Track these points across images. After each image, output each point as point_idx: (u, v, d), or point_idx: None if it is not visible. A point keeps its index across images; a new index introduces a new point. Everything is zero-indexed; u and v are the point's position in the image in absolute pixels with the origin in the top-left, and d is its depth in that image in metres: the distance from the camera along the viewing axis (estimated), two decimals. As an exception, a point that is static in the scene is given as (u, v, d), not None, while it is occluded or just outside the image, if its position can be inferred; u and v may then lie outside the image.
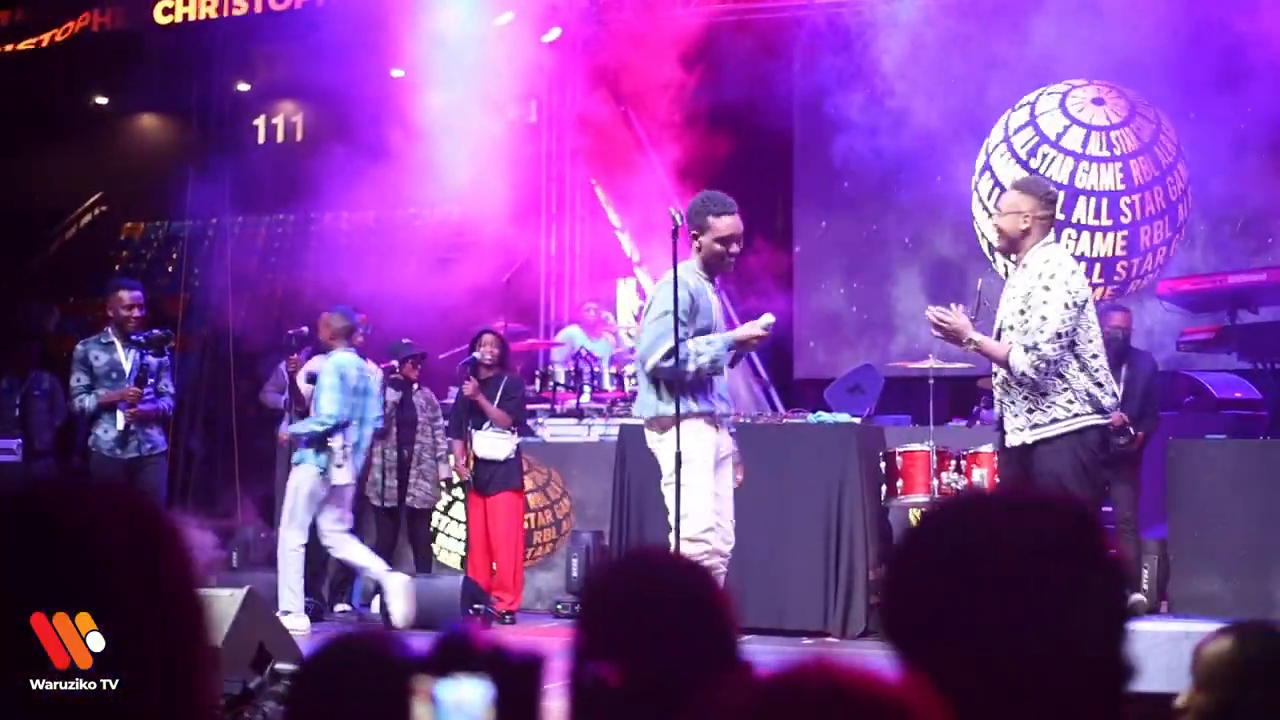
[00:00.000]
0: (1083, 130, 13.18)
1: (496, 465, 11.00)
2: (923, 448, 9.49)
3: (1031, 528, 1.96)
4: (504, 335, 11.86)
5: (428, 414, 11.49)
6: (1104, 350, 7.30)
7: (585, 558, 11.02)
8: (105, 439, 10.29)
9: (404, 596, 9.98)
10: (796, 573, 9.74)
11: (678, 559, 2.50)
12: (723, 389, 7.56)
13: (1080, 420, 7.12)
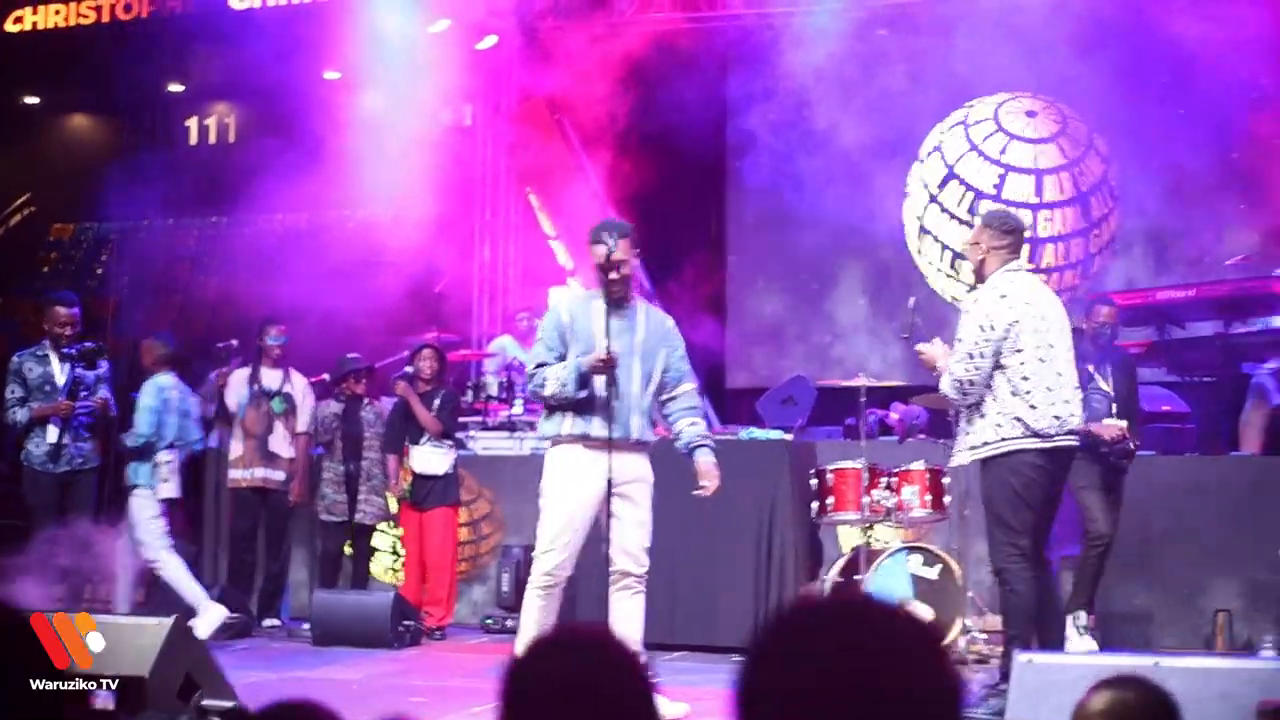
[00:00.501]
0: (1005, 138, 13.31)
1: (435, 480, 10.98)
2: (854, 465, 9.51)
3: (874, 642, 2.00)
4: (441, 348, 11.84)
5: (376, 429, 11.43)
6: (1054, 370, 7.42)
7: (515, 572, 10.98)
8: (37, 453, 10.25)
9: (209, 628, 9.96)
10: (728, 590, 9.75)
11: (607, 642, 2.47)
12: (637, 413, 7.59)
13: (1006, 444, 7.32)
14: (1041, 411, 7.32)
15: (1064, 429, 7.41)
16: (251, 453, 11.40)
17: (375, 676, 8.88)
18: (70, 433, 10.32)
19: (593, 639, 2.47)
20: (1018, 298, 7.46)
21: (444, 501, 11.00)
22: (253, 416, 11.42)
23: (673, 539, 9.74)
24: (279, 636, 10.95)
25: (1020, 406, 7.33)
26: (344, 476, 11.33)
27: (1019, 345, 7.37)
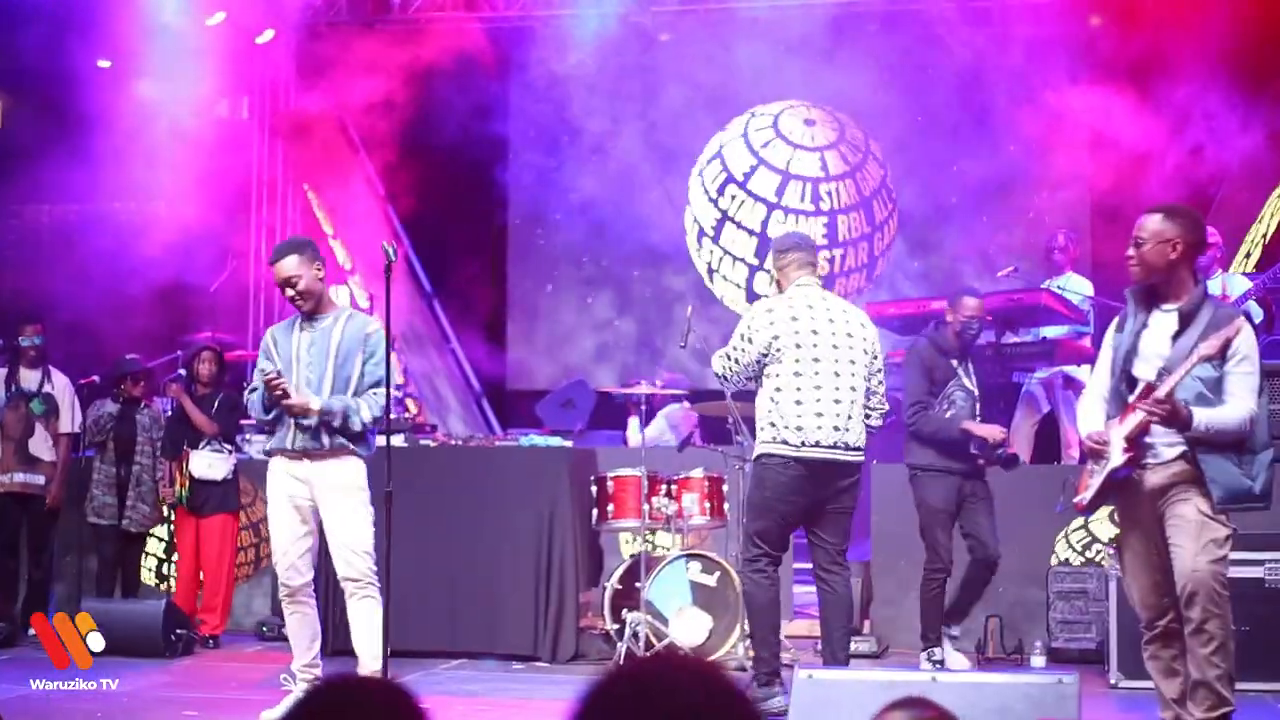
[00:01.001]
0: (790, 149, 13.49)
1: (214, 486, 10.76)
2: (634, 472, 9.53)
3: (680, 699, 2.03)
4: (219, 349, 11.61)
5: (150, 433, 11.15)
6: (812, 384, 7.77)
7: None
8: None
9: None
10: (508, 597, 9.72)
11: (374, 689, 2.41)
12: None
13: (764, 447, 7.89)
14: (788, 422, 7.76)
15: (810, 441, 7.77)
16: (10, 457, 11.05)
17: (147, 688, 8.66)
18: None
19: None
20: (783, 314, 7.88)
21: (223, 508, 10.79)
22: (11, 419, 11.08)
23: (452, 545, 9.72)
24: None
25: (774, 414, 7.82)
26: (114, 479, 11.06)
27: (780, 359, 7.81)
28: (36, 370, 11.25)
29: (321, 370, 7.57)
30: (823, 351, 7.83)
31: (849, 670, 7.37)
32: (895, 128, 14.18)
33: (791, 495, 7.84)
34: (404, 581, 8.91)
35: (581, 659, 9.70)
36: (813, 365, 7.80)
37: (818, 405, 7.79)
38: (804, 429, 7.75)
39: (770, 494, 7.85)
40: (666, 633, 9.20)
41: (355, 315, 7.89)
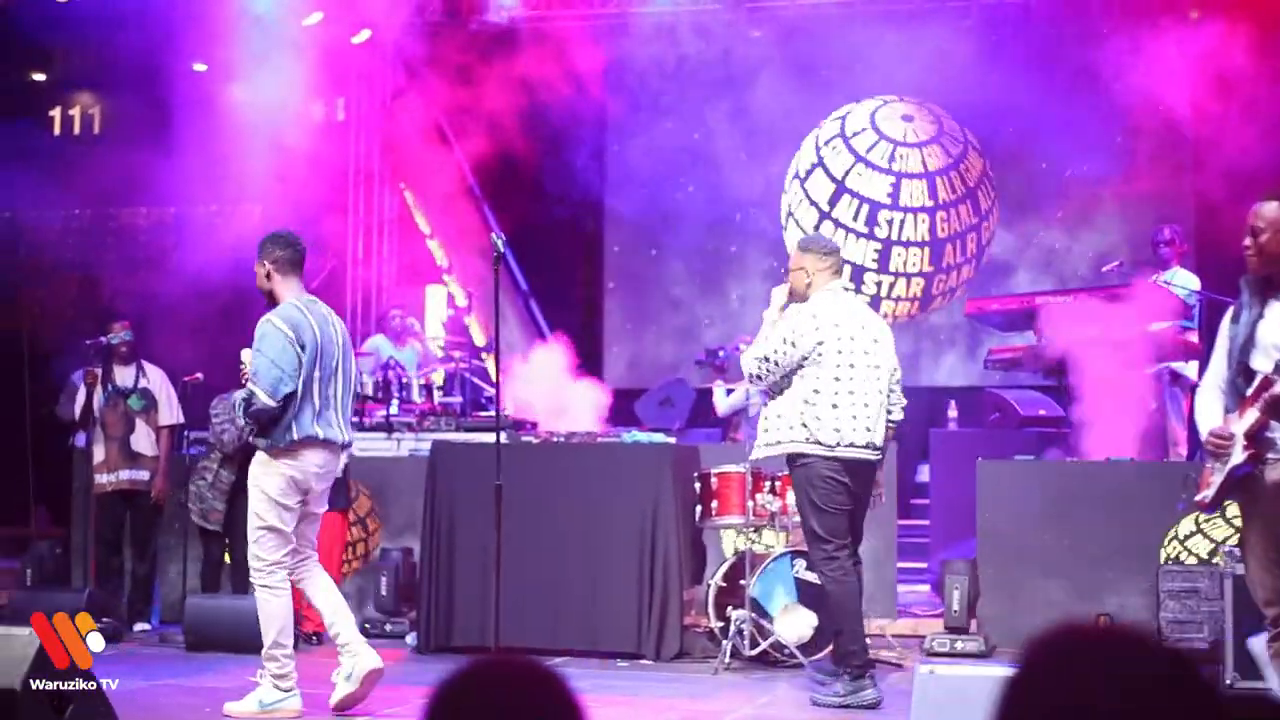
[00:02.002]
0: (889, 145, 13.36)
1: None
2: (738, 469, 9.45)
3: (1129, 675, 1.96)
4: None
5: None
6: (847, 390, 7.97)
7: (395, 575, 10.84)
8: None
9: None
10: (610, 595, 9.65)
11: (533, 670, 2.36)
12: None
13: (794, 446, 8.01)
14: (825, 423, 7.91)
15: (845, 442, 7.94)
16: (115, 455, 11.13)
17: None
18: None
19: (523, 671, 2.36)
20: (826, 319, 8.01)
21: (332, 505, 10.74)
22: (112, 418, 11.15)
23: (555, 542, 9.67)
24: (150, 642, 10.68)
25: (807, 415, 7.94)
26: (230, 486, 10.88)
27: (820, 362, 7.95)
28: (130, 366, 11.32)
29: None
30: (857, 358, 8.03)
31: (971, 666, 7.29)
32: (992, 119, 14.02)
33: (839, 491, 8.00)
34: (507, 579, 8.87)
35: (686, 657, 9.63)
36: (849, 370, 8.00)
37: (853, 409, 7.97)
38: (840, 430, 7.94)
39: (822, 490, 7.96)
40: (771, 630, 9.12)
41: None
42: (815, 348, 7.93)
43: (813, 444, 7.93)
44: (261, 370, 7.44)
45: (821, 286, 8.13)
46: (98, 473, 11.19)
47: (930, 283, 13.48)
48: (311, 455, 7.62)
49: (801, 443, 7.95)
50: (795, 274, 8.21)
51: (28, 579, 11.51)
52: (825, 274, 8.16)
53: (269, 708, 7.52)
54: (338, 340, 7.75)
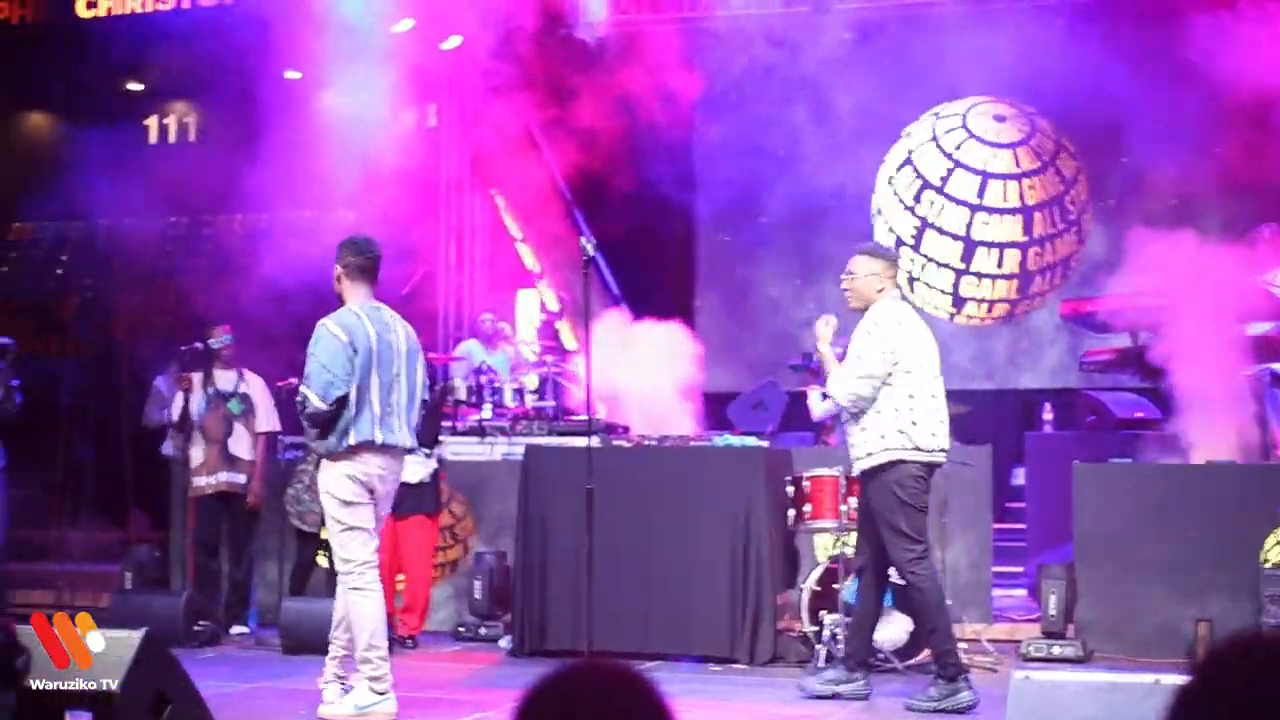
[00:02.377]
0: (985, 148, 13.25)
1: (409, 488, 10.78)
2: (831, 472, 9.39)
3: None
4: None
5: None
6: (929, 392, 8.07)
7: (489, 579, 10.86)
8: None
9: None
10: (703, 599, 9.62)
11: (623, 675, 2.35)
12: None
13: (890, 454, 8.00)
14: (922, 428, 7.99)
15: (939, 446, 8.08)
16: (214, 458, 11.25)
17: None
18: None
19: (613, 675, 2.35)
20: (909, 325, 8.15)
21: (420, 509, 10.78)
22: (211, 421, 11.26)
23: (648, 546, 9.66)
24: (247, 645, 10.77)
25: (904, 422, 7.97)
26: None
27: (909, 368, 8.02)
28: (231, 370, 11.44)
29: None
30: (933, 363, 8.19)
31: (1068, 671, 7.21)
32: (1082, 115, 13.88)
33: (926, 491, 8.11)
34: (600, 582, 8.88)
35: (779, 661, 9.59)
36: (932, 376, 8.15)
37: (940, 412, 8.14)
38: (936, 434, 8.07)
39: (912, 489, 8.00)
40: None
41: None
42: (907, 354, 8.00)
43: (913, 450, 7.98)
44: (313, 374, 7.50)
45: (888, 294, 8.22)
46: (196, 475, 11.31)
47: (1023, 283, 13.34)
48: (372, 459, 7.63)
49: (899, 450, 7.97)
50: (866, 279, 8.20)
51: (127, 582, 11.64)
52: (891, 281, 8.27)
53: (364, 710, 7.54)
54: (399, 347, 7.72)
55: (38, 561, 11.63)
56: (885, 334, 8.01)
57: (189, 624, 10.31)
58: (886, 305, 8.16)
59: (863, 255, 8.35)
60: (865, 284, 8.20)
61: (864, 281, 8.21)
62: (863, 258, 8.32)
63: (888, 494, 8.00)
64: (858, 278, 8.24)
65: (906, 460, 7.98)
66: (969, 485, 10.34)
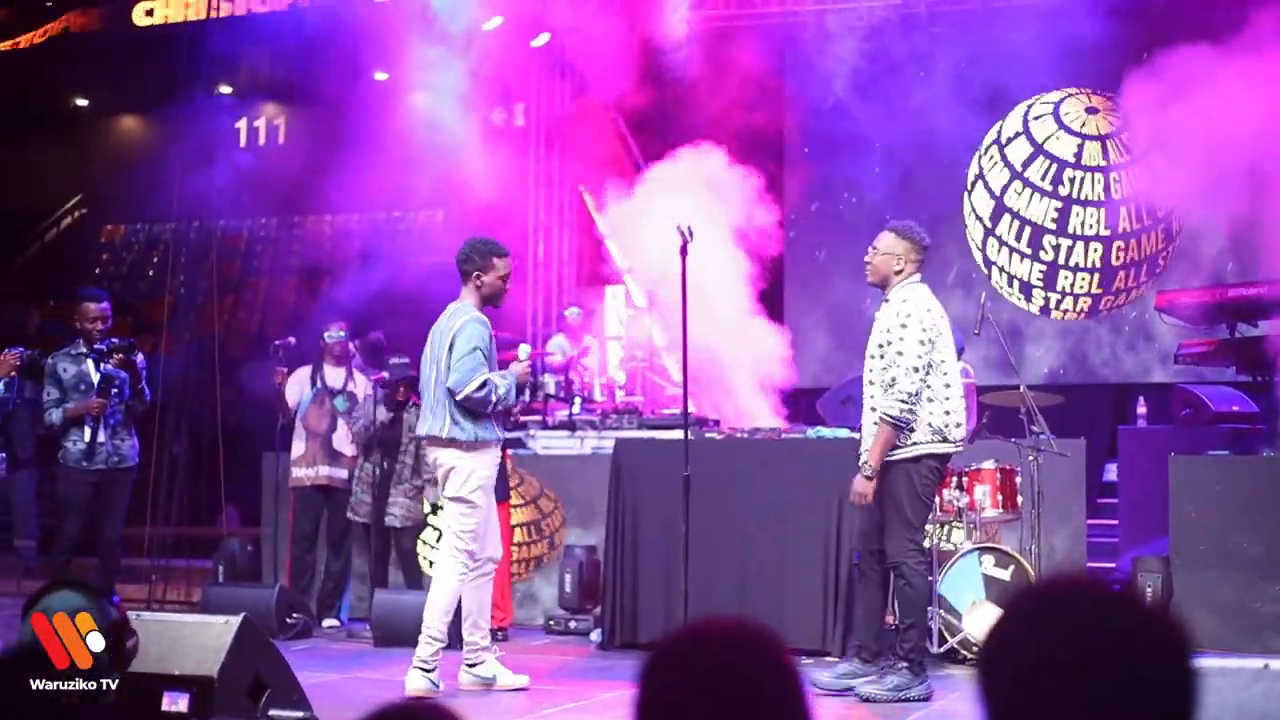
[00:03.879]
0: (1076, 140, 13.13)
1: None
2: (924, 464, 9.33)
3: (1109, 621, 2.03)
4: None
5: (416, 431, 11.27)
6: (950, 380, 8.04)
7: (579, 572, 10.86)
8: (73, 451, 10.18)
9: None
10: (795, 590, 9.58)
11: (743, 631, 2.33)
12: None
13: (918, 448, 7.96)
14: (953, 417, 8.00)
15: (961, 436, 8.13)
16: (315, 451, 11.34)
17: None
18: (106, 430, 10.24)
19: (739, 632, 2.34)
20: (937, 311, 8.07)
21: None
22: (315, 415, 11.36)
23: (741, 538, 9.63)
24: (339, 637, 10.82)
25: (937, 412, 7.93)
26: (374, 478, 11.14)
27: (943, 356, 8.01)
28: (341, 368, 11.52)
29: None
30: (953, 348, 8.22)
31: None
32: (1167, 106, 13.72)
33: (936, 483, 8.15)
34: (692, 574, 8.85)
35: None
36: (954, 362, 8.17)
37: (961, 398, 8.13)
38: (961, 424, 8.09)
39: (927, 480, 7.99)
40: (960, 628, 9.00)
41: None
42: (939, 339, 7.97)
43: (941, 442, 7.97)
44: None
45: (910, 276, 8.12)
46: (296, 466, 11.41)
47: (1106, 277, 13.19)
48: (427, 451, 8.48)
49: (926, 444, 7.94)
50: (885, 257, 8.14)
51: (220, 576, 11.74)
52: (914, 265, 8.16)
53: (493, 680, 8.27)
54: (435, 340, 8.35)
55: (132, 557, 11.72)
56: (918, 322, 7.91)
57: (281, 616, 10.37)
58: (912, 289, 8.07)
59: (889, 233, 8.27)
60: (884, 261, 8.15)
61: (883, 259, 8.16)
62: (889, 235, 8.24)
63: (905, 484, 7.93)
64: (879, 253, 8.20)
65: (934, 453, 7.95)
66: (1063, 478, 10.24)
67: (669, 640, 2.34)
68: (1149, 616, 2.03)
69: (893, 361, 7.88)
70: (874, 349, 8.06)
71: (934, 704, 7.85)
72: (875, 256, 8.19)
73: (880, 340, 8.01)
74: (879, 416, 7.88)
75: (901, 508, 7.92)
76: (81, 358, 10.32)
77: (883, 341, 7.98)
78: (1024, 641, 2.03)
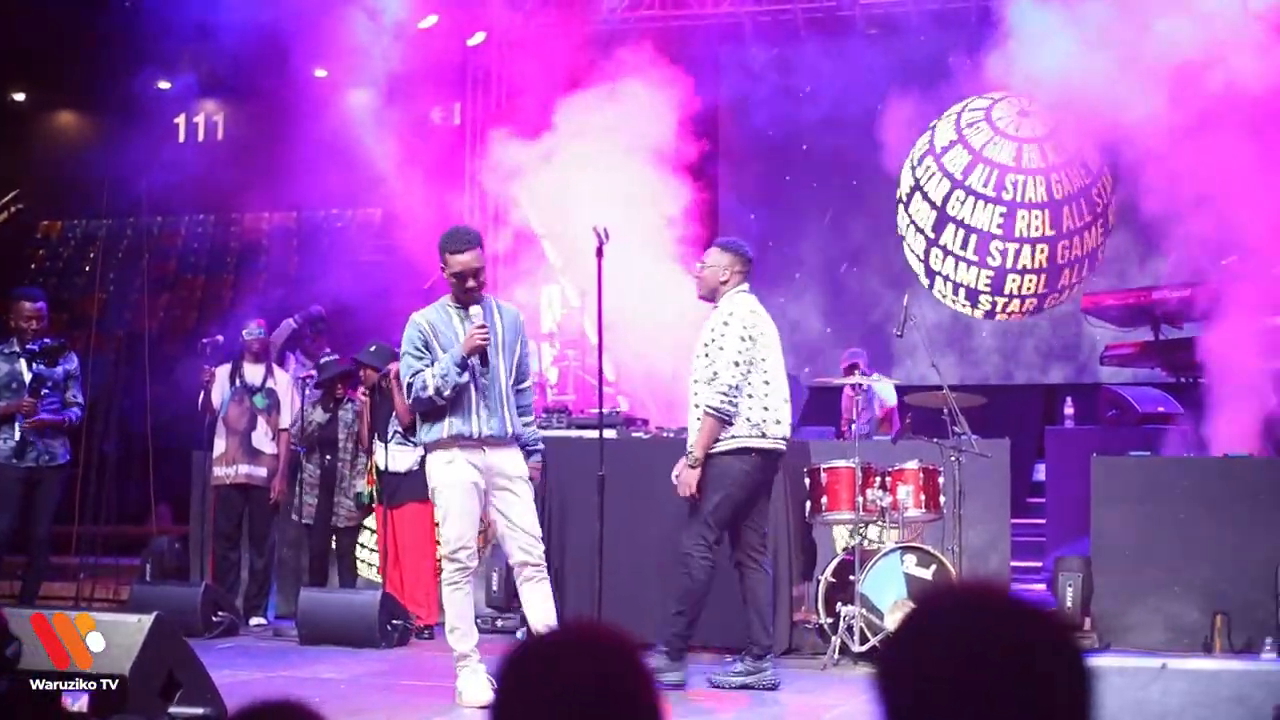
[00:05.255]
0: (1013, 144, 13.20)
1: (401, 477, 10.84)
2: (847, 464, 9.40)
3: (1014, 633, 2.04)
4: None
5: (352, 429, 11.29)
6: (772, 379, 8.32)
7: (505, 571, 10.85)
8: (4, 449, 10.19)
9: None
10: (720, 590, 9.56)
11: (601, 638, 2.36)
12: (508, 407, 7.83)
13: (737, 441, 8.18)
14: (772, 414, 8.25)
15: (782, 434, 8.33)
16: (235, 449, 11.31)
17: (363, 676, 8.76)
18: (34, 434, 10.26)
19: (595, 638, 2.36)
20: (759, 314, 8.38)
21: (412, 496, 10.81)
22: (235, 413, 11.33)
23: (664, 538, 9.64)
24: (265, 636, 10.80)
25: (757, 408, 8.18)
26: (319, 480, 11.20)
27: (764, 354, 8.27)
28: (260, 365, 11.51)
29: (494, 362, 7.76)
30: (779, 349, 8.49)
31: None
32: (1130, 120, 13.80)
33: (751, 485, 8.26)
34: (616, 574, 8.89)
35: (795, 653, 9.59)
36: (778, 361, 8.44)
37: (784, 398, 8.39)
38: (781, 421, 8.32)
39: (741, 480, 8.18)
40: (882, 626, 9.05)
41: (501, 302, 8.09)
42: (761, 338, 8.25)
43: (758, 437, 8.19)
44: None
45: (734, 287, 8.37)
46: (216, 465, 11.39)
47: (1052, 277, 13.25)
48: None
49: (745, 438, 8.16)
50: (712, 270, 8.40)
51: (147, 574, 11.71)
52: (740, 276, 8.42)
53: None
54: None
55: (60, 555, 11.70)
56: (740, 322, 8.19)
57: (207, 615, 10.35)
58: (736, 296, 8.34)
59: (716, 249, 8.54)
60: (711, 274, 8.40)
61: (710, 272, 8.41)
62: (716, 251, 8.52)
63: (715, 479, 8.15)
64: (706, 268, 8.46)
65: (752, 449, 8.17)
66: (987, 477, 10.31)
67: (523, 645, 2.37)
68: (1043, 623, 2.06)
69: (715, 357, 8.14)
70: (699, 349, 8.28)
71: (846, 706, 7.90)
72: (704, 271, 8.47)
73: (705, 340, 8.26)
74: (702, 410, 8.11)
75: (708, 501, 8.17)
76: (14, 356, 10.34)
77: (707, 340, 8.24)
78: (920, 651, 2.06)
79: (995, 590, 2.12)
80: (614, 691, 2.27)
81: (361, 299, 14.12)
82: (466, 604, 7.90)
